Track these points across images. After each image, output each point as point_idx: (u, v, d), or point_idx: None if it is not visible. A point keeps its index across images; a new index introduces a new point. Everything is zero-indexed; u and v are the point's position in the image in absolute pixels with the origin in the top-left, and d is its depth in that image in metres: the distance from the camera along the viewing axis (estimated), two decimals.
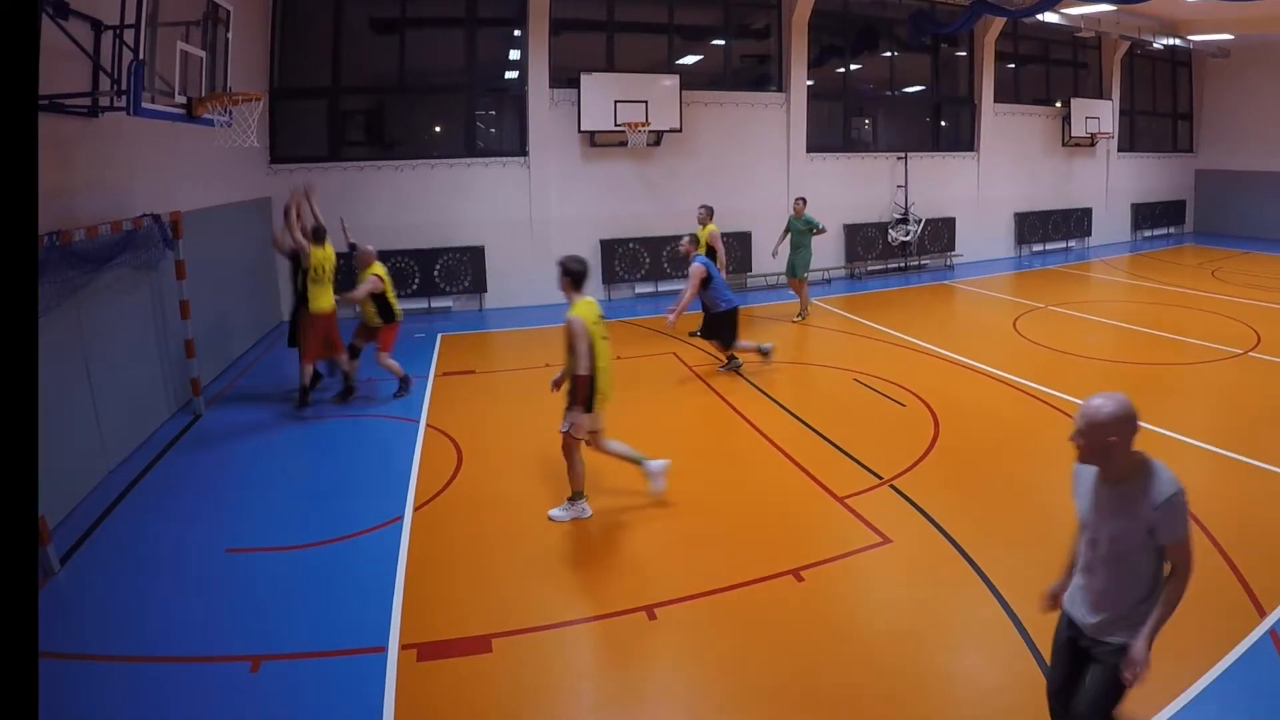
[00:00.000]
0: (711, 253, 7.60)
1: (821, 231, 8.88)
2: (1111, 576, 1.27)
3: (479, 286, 9.36)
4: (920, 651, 3.10)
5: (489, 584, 3.60)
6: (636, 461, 4.26)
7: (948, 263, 12.78)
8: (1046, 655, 2.43)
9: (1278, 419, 5.54)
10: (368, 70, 9.06)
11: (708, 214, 7.98)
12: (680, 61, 10.71)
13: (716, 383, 6.52)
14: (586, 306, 3.82)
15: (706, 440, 5.47)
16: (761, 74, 11.31)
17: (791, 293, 9.45)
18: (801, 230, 8.81)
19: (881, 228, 11.99)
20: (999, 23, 12.60)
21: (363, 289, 5.82)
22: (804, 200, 9.13)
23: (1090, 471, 1.38)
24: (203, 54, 4.94)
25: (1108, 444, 1.34)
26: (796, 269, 8.72)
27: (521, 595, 3.52)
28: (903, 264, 12.34)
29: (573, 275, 3.82)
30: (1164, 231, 17.11)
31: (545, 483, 4.57)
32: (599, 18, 9.90)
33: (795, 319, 8.72)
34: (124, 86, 4.20)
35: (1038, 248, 14.26)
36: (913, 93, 13.28)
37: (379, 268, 5.96)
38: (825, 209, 11.11)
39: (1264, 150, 16.25)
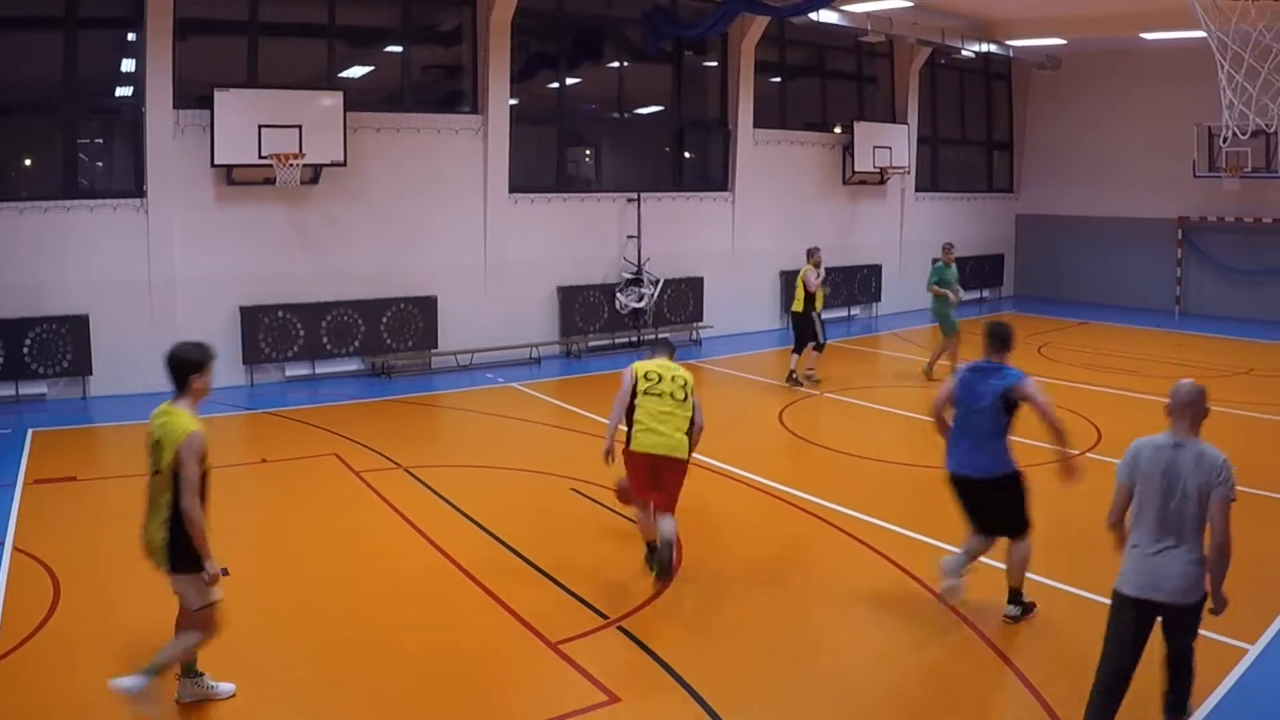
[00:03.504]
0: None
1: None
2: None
3: (82, 367, 15.40)
4: None
5: None
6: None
7: (693, 336, 21.73)
8: None
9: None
10: None
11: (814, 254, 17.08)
12: (345, 74, 18.21)
13: (390, 491, 10.58)
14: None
15: (377, 567, 8.47)
16: (451, 90, 19.32)
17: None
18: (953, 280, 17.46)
19: (607, 291, 20.36)
20: (760, 24, 21.78)
21: None
22: (953, 245, 17.83)
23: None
24: None
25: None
26: (953, 322, 17.20)
27: None
28: (635, 337, 20.81)
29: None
30: (976, 295, 28.66)
31: (167, 619, 6.43)
32: (238, 17, 16.85)
33: (926, 372, 17.59)
34: None
35: None
36: (649, 115, 22.55)
37: None
38: (532, 267, 19.29)
39: (1103, 190, 27.97)
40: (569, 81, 20.85)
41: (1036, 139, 29.98)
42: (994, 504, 7.79)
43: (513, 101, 19.20)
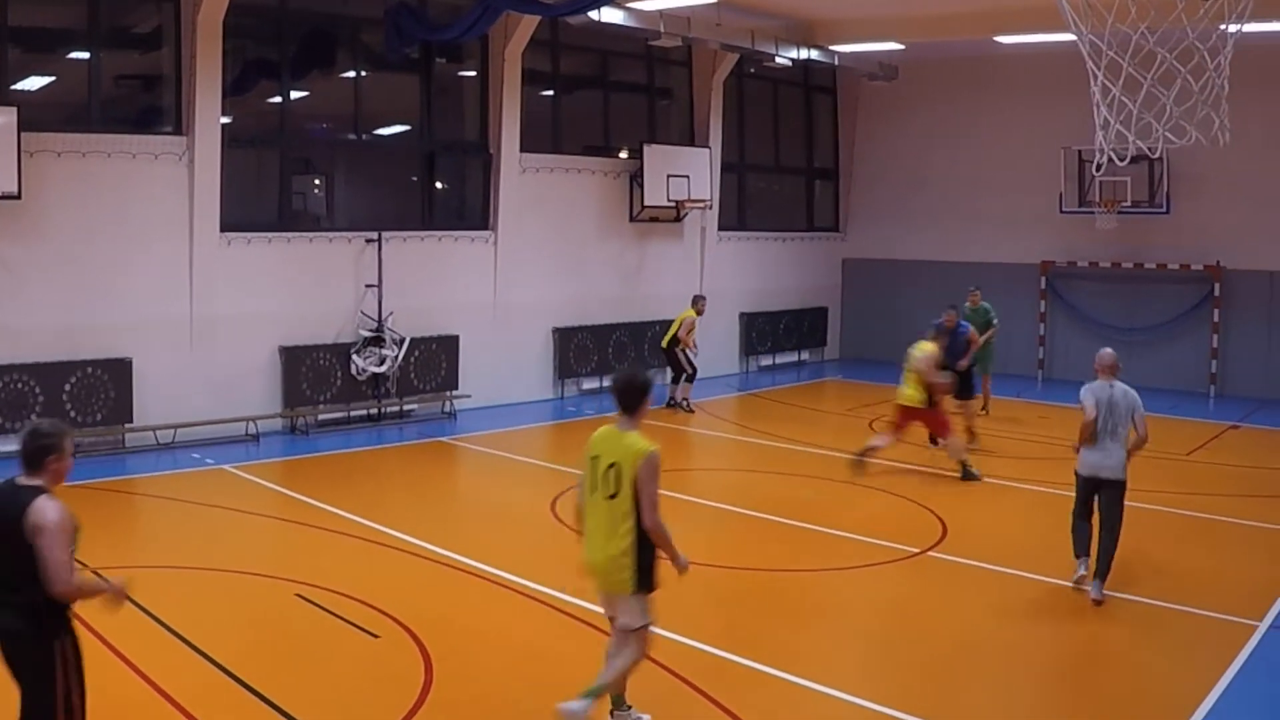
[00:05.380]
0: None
1: (993, 328, 23.91)
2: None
3: None
4: None
5: None
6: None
7: (447, 407, 24.76)
8: None
9: (968, 657, 11.39)
10: None
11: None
12: (19, 86, 20.56)
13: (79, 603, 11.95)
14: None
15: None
16: (149, 106, 21.92)
17: None
18: (980, 325, 22.98)
19: (341, 352, 23.08)
20: (528, 25, 24.62)
21: None
22: (979, 290, 23.88)
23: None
24: None
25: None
26: (987, 366, 23.44)
27: None
28: (374, 409, 23.78)
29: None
30: (793, 358, 32.85)
31: None
32: None
33: (981, 411, 23.41)
34: None
35: (590, 384, 27.68)
36: (392, 136, 25.60)
37: None
38: (249, 322, 21.94)
39: (949, 229, 31.86)
40: (294, 95, 23.22)
41: (867, 166, 34.22)
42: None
43: (225, 120, 21.30)
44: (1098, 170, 16.40)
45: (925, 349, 19.12)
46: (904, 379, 19.19)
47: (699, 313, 24.73)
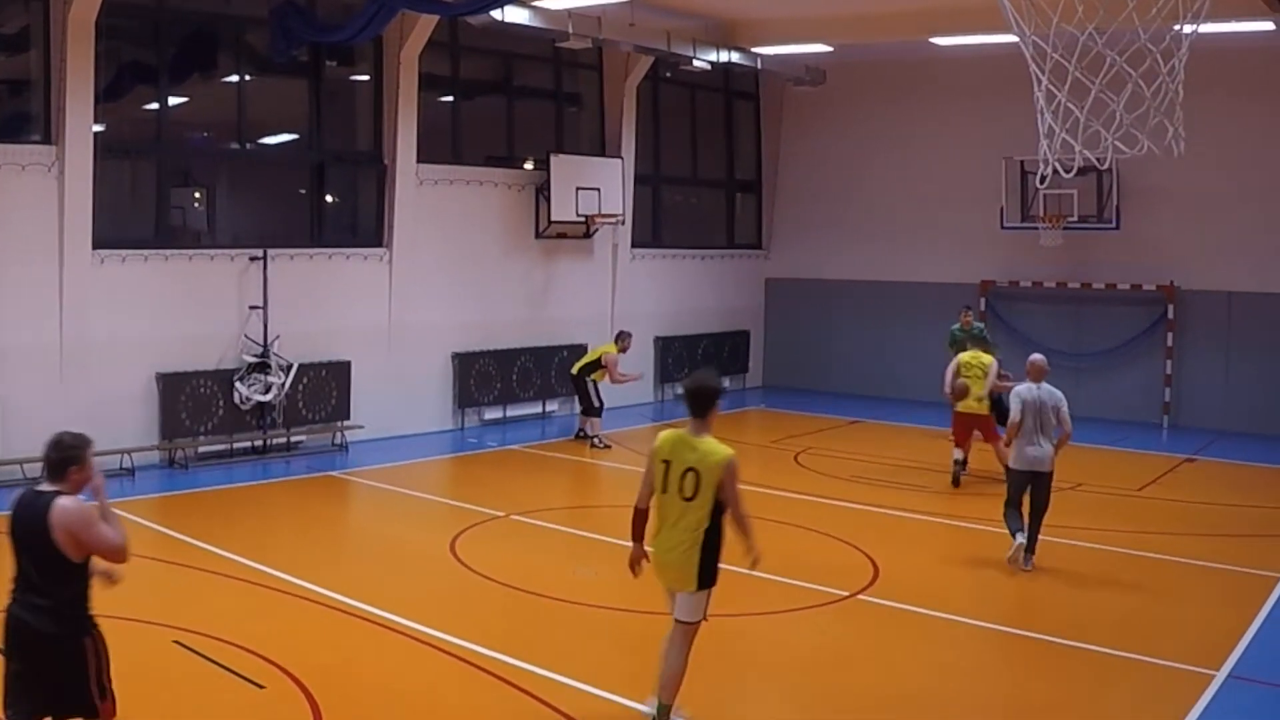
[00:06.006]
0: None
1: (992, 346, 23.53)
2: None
3: None
4: None
5: None
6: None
7: (338, 439, 25.32)
8: None
9: (909, 710, 11.45)
10: None
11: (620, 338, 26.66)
12: None
13: None
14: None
15: None
16: (15, 113, 22.34)
17: None
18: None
19: (223, 379, 23.50)
20: (426, 26, 25.17)
21: None
22: (970, 309, 25.41)
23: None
24: None
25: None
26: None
27: None
28: (259, 441, 24.32)
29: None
30: None
31: None
32: None
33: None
34: None
35: (492, 414, 28.48)
36: (278, 145, 26.14)
37: None
38: (124, 347, 22.26)
39: (881, 247, 32.68)
40: (173, 101, 23.65)
41: (793, 179, 35.04)
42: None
43: (98, 128, 21.57)
44: (1042, 182, 16.75)
45: (989, 359, 21.73)
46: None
47: (623, 350, 25.56)
